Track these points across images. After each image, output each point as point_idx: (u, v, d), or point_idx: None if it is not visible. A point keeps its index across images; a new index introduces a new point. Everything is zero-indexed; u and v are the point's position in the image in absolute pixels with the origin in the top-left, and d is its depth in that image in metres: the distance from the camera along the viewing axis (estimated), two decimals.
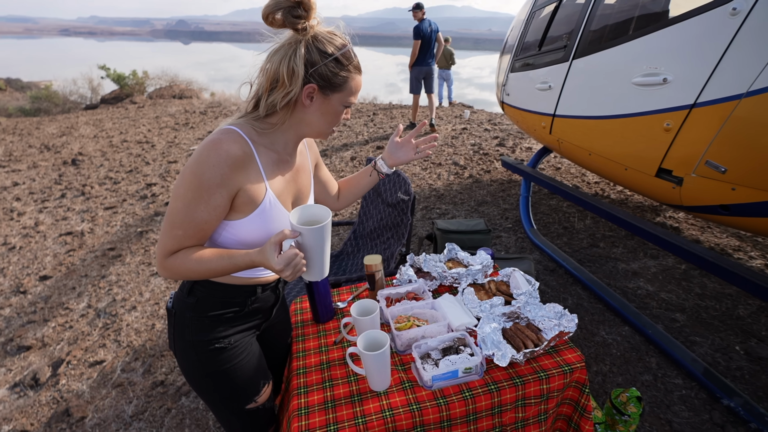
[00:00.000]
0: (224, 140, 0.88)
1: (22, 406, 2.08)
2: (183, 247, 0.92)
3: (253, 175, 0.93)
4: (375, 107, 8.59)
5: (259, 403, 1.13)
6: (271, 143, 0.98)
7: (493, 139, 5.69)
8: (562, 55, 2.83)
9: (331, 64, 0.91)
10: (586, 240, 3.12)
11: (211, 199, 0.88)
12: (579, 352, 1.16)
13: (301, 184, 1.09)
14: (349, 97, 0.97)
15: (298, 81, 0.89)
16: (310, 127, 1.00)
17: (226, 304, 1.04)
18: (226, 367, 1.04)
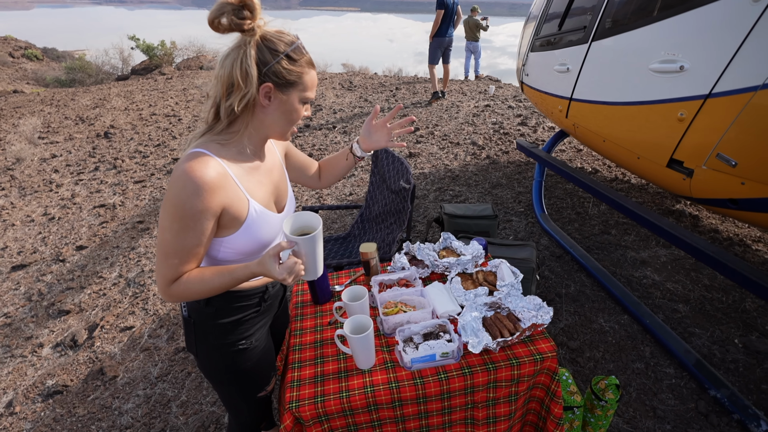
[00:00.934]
0: (196, 166, 0.89)
1: (63, 364, 2.34)
2: (181, 273, 0.95)
3: (232, 192, 0.95)
4: (399, 81, 8.48)
5: (268, 391, 1.25)
6: (239, 153, 1.00)
7: (516, 117, 5.58)
8: (582, 36, 2.74)
9: (284, 61, 0.92)
10: (598, 226, 3.10)
11: (197, 226, 0.91)
12: (552, 343, 1.23)
13: (278, 181, 1.13)
14: (305, 92, 0.98)
15: (253, 82, 0.90)
16: (271, 128, 1.01)
17: (244, 308, 1.12)
18: (246, 365, 1.14)
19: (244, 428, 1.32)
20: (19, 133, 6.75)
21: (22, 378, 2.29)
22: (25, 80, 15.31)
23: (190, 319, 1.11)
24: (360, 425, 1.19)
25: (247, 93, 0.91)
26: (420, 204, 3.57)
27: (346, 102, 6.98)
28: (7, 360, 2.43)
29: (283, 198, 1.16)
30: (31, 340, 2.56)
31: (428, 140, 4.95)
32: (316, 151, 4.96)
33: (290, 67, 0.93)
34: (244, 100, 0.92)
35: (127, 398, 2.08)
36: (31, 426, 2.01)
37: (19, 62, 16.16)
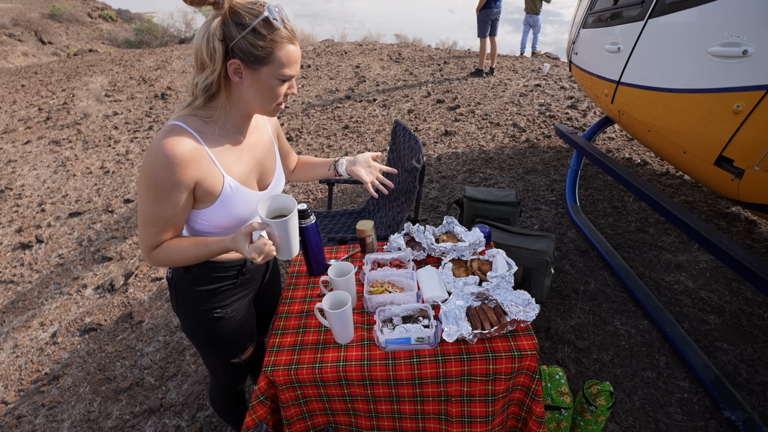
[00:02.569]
0: (169, 139, 0.90)
1: (100, 305, 2.59)
2: (161, 241, 0.99)
3: (206, 167, 0.95)
4: (449, 54, 8.17)
5: (242, 359, 1.31)
6: (219, 129, 0.99)
7: (567, 99, 5.22)
8: (638, 13, 2.48)
9: (249, 35, 0.87)
10: (635, 223, 2.89)
11: (170, 197, 0.93)
12: (535, 341, 1.19)
13: (264, 159, 1.13)
14: (281, 69, 0.92)
15: (218, 58, 0.88)
16: (249, 105, 0.98)
17: (221, 279, 1.16)
18: (221, 333, 1.20)
19: (221, 387, 1.41)
20: (88, 91, 7.29)
21: (67, 313, 2.57)
22: (100, 40, 16.39)
23: (172, 281, 1.17)
24: (332, 397, 1.23)
25: (214, 70, 0.90)
26: (447, 184, 3.49)
27: (390, 74, 6.86)
28: (57, 296, 2.73)
29: (269, 176, 1.16)
30: (78, 280, 2.85)
31: (467, 119, 4.78)
32: (353, 123, 4.95)
33: (257, 41, 0.88)
34: (212, 77, 0.91)
35: (149, 342, 2.27)
36: (69, 356, 2.27)
37: (96, 22, 17.27)
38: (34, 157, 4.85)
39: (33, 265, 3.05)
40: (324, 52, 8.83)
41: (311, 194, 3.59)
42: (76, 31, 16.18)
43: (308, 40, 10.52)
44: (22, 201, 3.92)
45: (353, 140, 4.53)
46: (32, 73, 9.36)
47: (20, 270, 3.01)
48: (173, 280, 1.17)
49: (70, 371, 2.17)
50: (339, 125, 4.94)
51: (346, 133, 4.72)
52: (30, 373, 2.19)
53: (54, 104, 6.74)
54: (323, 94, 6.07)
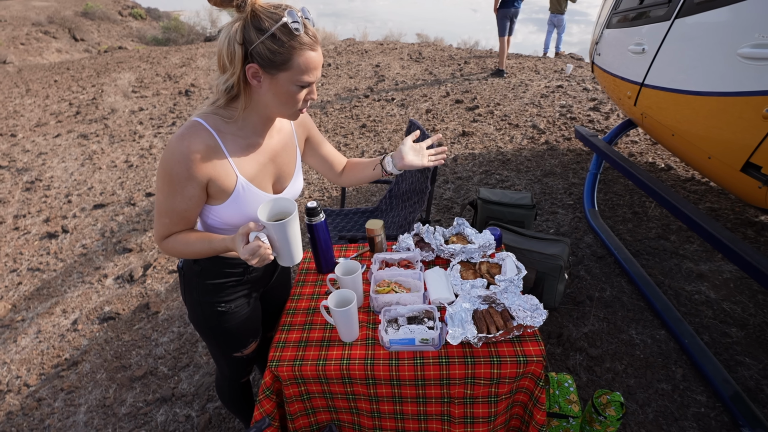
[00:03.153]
0: (187, 135, 0.93)
1: (119, 295, 2.67)
2: (172, 232, 1.03)
3: (220, 164, 0.97)
4: (470, 54, 8.09)
5: (244, 354, 1.33)
6: (239, 129, 1.01)
7: (589, 101, 5.11)
8: (665, 12, 2.40)
9: (268, 41, 0.87)
10: (656, 230, 2.80)
11: (184, 191, 0.96)
12: (542, 347, 1.17)
13: (282, 163, 1.13)
14: (300, 75, 0.91)
15: (238, 62, 0.89)
16: (269, 108, 0.99)
17: (228, 274, 1.17)
18: (224, 327, 1.22)
19: (225, 379, 1.44)
20: (116, 87, 7.52)
21: (88, 302, 2.66)
22: (129, 37, 16.88)
23: (182, 271, 1.20)
24: (335, 395, 1.24)
25: (234, 74, 0.91)
26: (462, 185, 3.46)
27: (410, 74, 6.84)
28: (79, 285, 2.82)
29: (285, 180, 1.16)
30: (99, 270, 2.94)
31: (486, 119, 4.73)
32: (370, 121, 4.96)
33: (275, 47, 0.87)
34: (232, 79, 0.92)
35: (164, 332, 2.33)
36: (87, 343, 2.34)
37: (126, 20, 17.79)
38: (63, 150, 5.03)
39: (58, 254, 3.17)
40: (345, 51, 8.87)
41: (325, 192, 3.62)
42: (107, 29, 16.71)
43: (329, 39, 10.59)
44: (50, 192, 4.07)
45: (370, 139, 4.54)
46: (65, 69, 9.70)
47: (46, 258, 3.13)
48: (183, 270, 1.20)
49: (88, 358, 2.24)
50: (356, 124, 4.95)
51: (363, 132, 4.74)
52: (51, 358, 2.27)
53: (84, 99, 6.97)
54: (342, 93, 6.10)
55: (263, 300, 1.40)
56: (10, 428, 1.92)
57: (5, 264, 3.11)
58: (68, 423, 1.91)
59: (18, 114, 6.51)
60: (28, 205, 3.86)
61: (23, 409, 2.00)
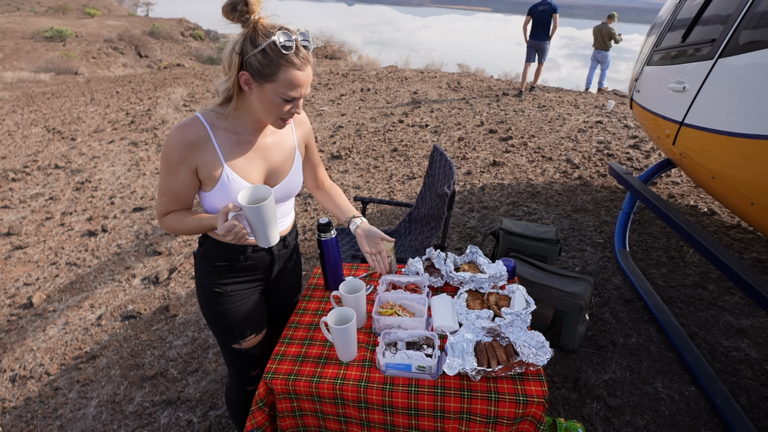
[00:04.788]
0: (184, 125, 1.06)
1: (143, 295, 2.78)
2: (170, 210, 1.16)
3: (209, 155, 1.09)
4: (509, 86, 8.10)
5: (243, 347, 1.34)
6: (231, 126, 1.12)
7: (629, 138, 4.95)
8: (708, 51, 2.32)
9: (259, 54, 0.97)
10: (693, 277, 2.62)
11: (177, 174, 1.09)
12: (545, 388, 1.10)
13: (276, 162, 1.21)
14: (284, 90, 1.02)
15: (234, 69, 1.01)
16: (257, 113, 1.09)
17: (224, 258, 1.25)
18: (220, 309, 1.27)
19: (233, 382, 1.46)
20: (169, 100, 8.05)
21: (114, 299, 2.78)
22: (188, 56, 18.16)
23: (195, 255, 1.30)
24: (327, 415, 1.21)
25: (230, 78, 1.03)
26: (488, 215, 3.40)
27: (446, 102, 6.91)
28: (109, 282, 2.96)
29: (278, 178, 1.24)
30: (129, 270, 3.08)
31: (518, 150, 4.67)
32: (402, 146, 5.02)
33: (264, 61, 0.98)
34: (228, 83, 1.05)
35: (178, 335, 2.39)
36: (108, 338, 2.44)
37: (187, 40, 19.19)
38: (114, 155, 5.39)
39: (95, 251, 3.35)
40: (385, 77, 9.11)
41: None
42: (169, 47, 18.06)
43: (372, 66, 10.94)
44: (96, 193, 4.35)
45: (400, 163, 4.58)
46: (127, 81, 10.52)
47: (84, 255, 3.31)
48: (196, 254, 1.29)
49: (106, 353, 2.32)
50: (388, 147, 5.02)
51: (394, 155, 4.79)
52: (73, 350, 2.37)
53: (139, 110, 7.50)
54: (378, 117, 6.24)
55: (270, 299, 1.44)
56: (26, 413, 2.00)
57: (47, 257, 3.32)
58: (78, 415, 1.97)
59: (80, 120, 7.07)
60: (76, 204, 4.14)
61: (40, 397, 2.09)
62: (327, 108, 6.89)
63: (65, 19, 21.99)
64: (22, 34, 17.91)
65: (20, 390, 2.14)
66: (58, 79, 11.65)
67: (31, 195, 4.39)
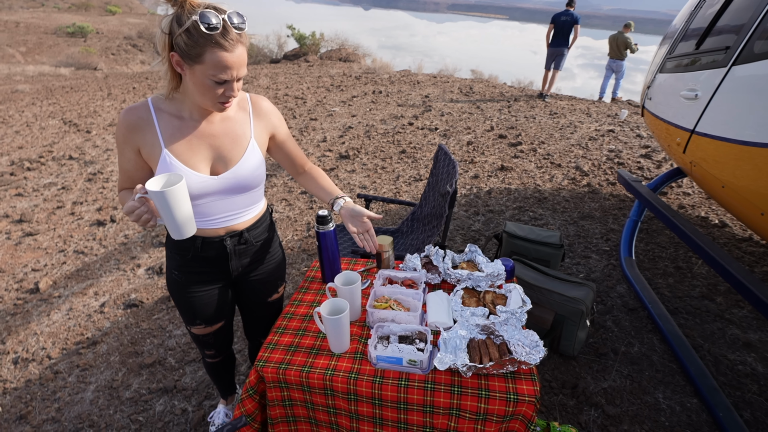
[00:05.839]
0: (130, 109, 1.09)
1: (146, 285, 2.81)
2: (124, 187, 1.19)
3: (149, 137, 1.09)
4: (521, 93, 8.07)
5: (194, 332, 1.41)
6: (177, 110, 1.11)
7: (641, 148, 4.89)
8: (722, 59, 2.28)
9: (184, 34, 0.93)
10: (701, 289, 2.57)
11: (124, 153, 1.13)
12: (537, 388, 1.08)
13: (224, 149, 1.15)
14: (213, 72, 0.96)
15: (164, 49, 0.97)
16: (194, 96, 1.05)
17: (176, 246, 1.26)
18: (176, 293, 1.35)
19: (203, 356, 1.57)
20: None
21: (118, 287, 2.81)
22: None
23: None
24: (317, 406, 1.21)
25: (164, 58, 1.00)
26: (493, 218, 3.37)
27: (457, 107, 6.90)
28: (114, 271, 3.00)
29: (226, 165, 1.17)
30: (134, 260, 3.12)
31: (527, 156, 4.64)
32: (410, 148, 5.02)
33: (189, 41, 0.94)
34: (163, 64, 1.02)
35: (179, 325, 2.40)
36: (110, 326, 2.46)
37: None
38: None
39: (102, 240, 3.40)
40: (398, 81, 9.14)
41: None
42: None
43: (385, 69, 10.98)
44: (107, 184, 4.42)
45: (407, 164, 4.58)
46: (144, 78, 10.70)
47: (91, 243, 3.36)
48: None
49: (107, 339, 2.35)
50: (397, 149, 5.03)
51: (402, 157, 4.79)
52: (75, 335, 2.40)
53: None
54: (388, 119, 6.25)
55: (240, 296, 1.46)
56: (26, 395, 2.03)
57: (56, 244, 3.37)
58: (76, 398, 1.99)
59: (96, 114, 7.21)
60: (87, 194, 4.21)
61: (41, 379, 2.11)
62: (338, 109, 6.93)
63: (87, 16, 22.49)
64: (45, 30, 18.36)
65: (22, 372, 2.17)
66: (78, 74, 11.90)
67: (45, 184, 4.47)
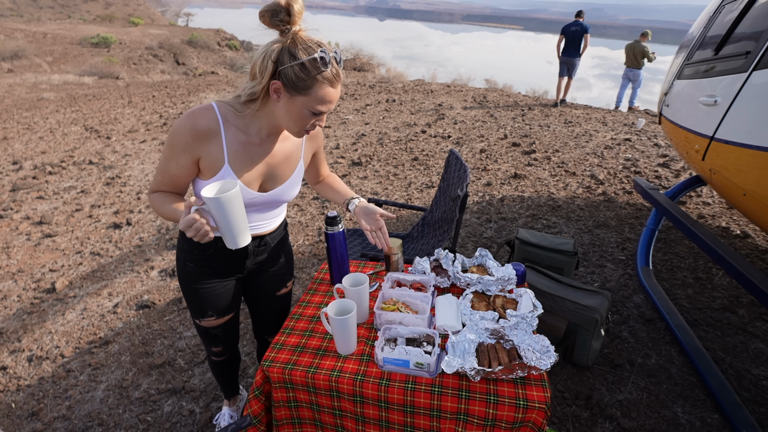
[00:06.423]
0: (197, 114, 1.05)
1: (159, 287, 2.84)
2: (161, 189, 1.15)
3: (214, 147, 1.08)
4: (536, 101, 8.02)
5: (202, 324, 1.40)
6: (244, 126, 1.11)
7: (659, 157, 4.79)
8: (741, 64, 2.23)
9: (297, 67, 0.98)
10: (722, 300, 2.49)
11: (179, 159, 1.08)
12: (548, 394, 1.05)
13: (277, 168, 1.20)
14: (315, 104, 1.03)
15: (266, 76, 1.00)
16: (279, 120, 1.09)
17: (197, 244, 1.24)
18: (189, 285, 1.33)
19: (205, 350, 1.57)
20: (200, 104, 8.32)
21: (131, 288, 2.85)
22: (223, 65, 18.84)
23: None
24: (322, 407, 1.19)
25: (260, 83, 1.03)
26: (505, 226, 3.33)
27: (470, 115, 6.89)
28: (128, 272, 3.04)
29: (275, 184, 1.22)
30: (148, 262, 3.16)
31: (541, 164, 4.59)
32: (423, 155, 5.02)
33: (301, 74, 0.99)
34: (257, 88, 1.04)
35: (189, 327, 2.42)
36: (122, 326, 2.49)
37: (222, 50, 19.93)
38: (145, 154, 5.60)
39: (118, 243, 3.46)
40: (411, 90, 9.19)
41: None
42: (206, 56, 18.80)
43: (399, 78, 11.06)
44: (125, 188, 4.51)
45: (419, 172, 4.57)
46: (163, 87, 10.98)
47: (107, 245, 3.42)
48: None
49: (119, 339, 2.37)
50: (409, 156, 5.03)
51: (414, 164, 4.79)
52: (88, 335, 2.43)
53: (172, 113, 7.79)
54: (401, 127, 6.27)
55: (251, 286, 1.45)
56: (38, 392, 2.06)
57: (74, 246, 3.44)
58: (87, 397, 2.01)
59: (117, 121, 7.40)
60: (105, 198, 4.30)
61: (53, 377, 2.14)
62: (351, 117, 6.98)
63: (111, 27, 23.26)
64: (71, 40, 19.05)
65: (35, 369, 2.21)
66: (100, 83, 12.27)
67: (65, 188, 4.59)
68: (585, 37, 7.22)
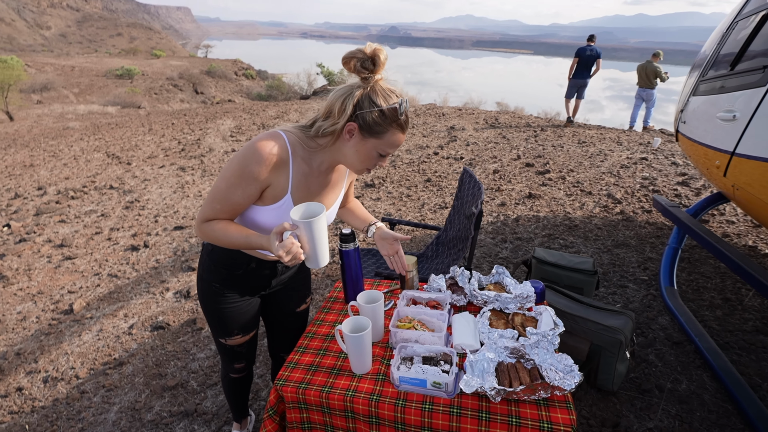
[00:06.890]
0: (269, 142, 1.05)
1: (173, 308, 2.85)
2: (217, 218, 1.12)
3: (282, 177, 1.11)
4: (548, 123, 8.03)
5: (228, 344, 1.39)
6: (308, 158, 1.14)
7: (678, 176, 4.71)
8: (759, 78, 2.20)
9: (376, 113, 1.05)
10: (753, 322, 2.37)
11: (247, 188, 1.07)
12: (572, 417, 0.99)
13: (325, 198, 1.25)
14: (385, 147, 1.10)
15: (344, 117, 1.06)
16: (345, 158, 1.15)
17: (228, 263, 1.26)
18: (215, 306, 1.32)
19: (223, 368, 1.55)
20: (218, 131, 8.57)
21: (147, 310, 2.86)
22: (239, 93, 19.49)
23: (203, 250, 1.32)
24: (336, 429, 1.15)
25: (336, 123, 1.08)
26: (521, 246, 3.27)
27: (482, 137, 6.92)
28: (144, 294, 3.06)
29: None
30: (164, 283, 3.18)
31: (556, 184, 4.54)
32: (436, 177, 5.02)
33: (379, 120, 1.06)
34: (332, 127, 1.09)
35: (202, 349, 2.40)
36: (136, 347, 2.49)
37: (239, 79, 20.67)
38: (163, 178, 5.74)
39: (135, 265, 3.50)
40: (423, 113, 9.31)
41: None
42: (223, 85, 19.48)
43: (411, 103, 11.23)
44: (143, 212, 4.61)
45: (432, 193, 4.57)
46: (182, 114, 11.35)
47: (125, 267, 3.47)
48: (203, 249, 1.32)
49: (133, 361, 2.36)
50: (422, 178, 5.04)
51: (427, 185, 4.79)
52: (103, 356, 2.43)
53: (190, 139, 8.02)
54: (413, 149, 6.32)
55: (270, 302, 1.45)
56: (52, 413, 2.05)
57: (92, 267, 3.50)
58: (100, 419, 1.99)
59: (137, 147, 7.65)
60: (123, 221, 4.39)
61: (67, 398, 2.13)
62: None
63: (135, 60, 24.40)
64: (96, 72, 20.01)
65: (50, 391, 2.20)
66: (123, 112, 12.77)
67: (86, 211, 4.71)
68: (597, 62, 7.49)
